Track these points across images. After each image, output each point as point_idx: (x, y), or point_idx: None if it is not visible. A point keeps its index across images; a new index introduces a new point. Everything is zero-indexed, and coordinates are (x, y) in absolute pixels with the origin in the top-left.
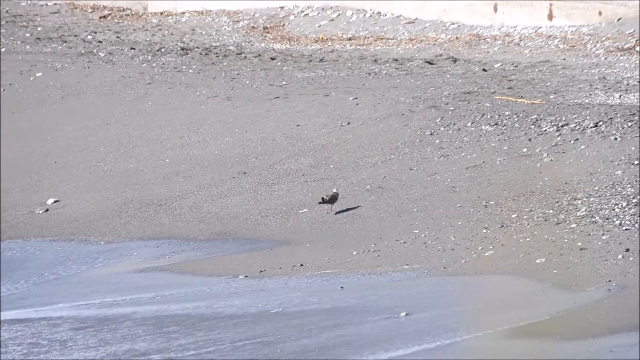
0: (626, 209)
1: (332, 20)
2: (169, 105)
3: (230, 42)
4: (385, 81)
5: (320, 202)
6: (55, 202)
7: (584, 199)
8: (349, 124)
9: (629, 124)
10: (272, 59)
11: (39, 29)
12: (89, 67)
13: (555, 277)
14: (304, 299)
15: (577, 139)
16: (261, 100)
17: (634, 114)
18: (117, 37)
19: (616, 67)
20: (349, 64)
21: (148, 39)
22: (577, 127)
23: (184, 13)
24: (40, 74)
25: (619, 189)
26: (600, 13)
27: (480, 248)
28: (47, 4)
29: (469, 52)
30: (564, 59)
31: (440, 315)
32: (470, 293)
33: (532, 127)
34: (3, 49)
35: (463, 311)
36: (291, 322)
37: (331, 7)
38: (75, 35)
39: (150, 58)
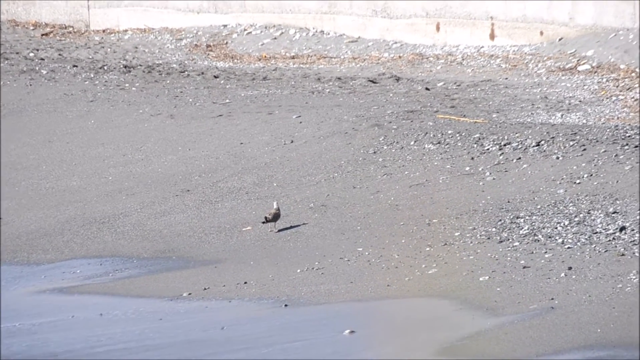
0: (568, 227)
1: (275, 38)
2: (112, 123)
3: (173, 60)
4: (328, 99)
5: (263, 222)
6: None
7: (527, 218)
8: (292, 142)
9: (571, 143)
10: (215, 77)
11: None
12: (31, 85)
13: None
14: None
15: (520, 158)
16: (204, 118)
17: (575, 133)
18: (60, 54)
19: (558, 86)
20: (292, 83)
21: (90, 57)
22: (520, 146)
23: (126, 31)
24: None
25: (560, 208)
26: (541, 33)
27: (423, 266)
28: None
29: (411, 71)
30: (506, 78)
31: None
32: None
33: (475, 145)
34: None
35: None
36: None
37: (274, 26)
38: (17, 53)
39: (92, 75)
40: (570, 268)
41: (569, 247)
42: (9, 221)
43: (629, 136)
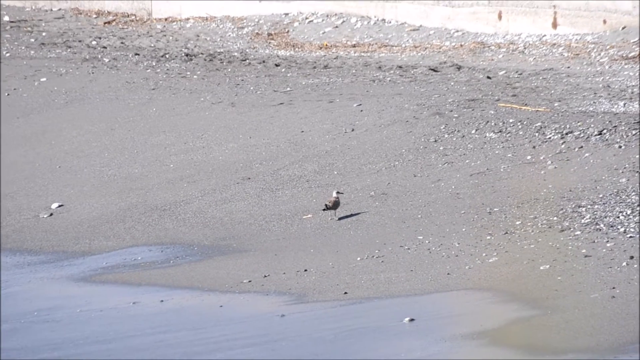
0: (630, 216)
1: (337, 27)
2: (173, 111)
3: (234, 48)
4: (389, 88)
5: (324, 209)
6: (59, 206)
7: (588, 207)
8: (353, 130)
9: (633, 132)
10: (277, 65)
11: (44, 34)
12: (93, 73)
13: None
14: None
15: (582, 147)
16: (265, 107)
17: (638, 122)
18: (122, 42)
19: (620, 75)
20: (353, 71)
21: (152, 45)
22: (582, 135)
23: (188, 19)
24: (44, 79)
25: (623, 197)
26: (604, 21)
27: (484, 254)
28: (51, 10)
29: (473, 59)
30: (568, 67)
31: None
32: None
33: (536, 134)
34: (7, 54)
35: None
36: None
37: (335, 14)
38: (80, 41)
39: (154, 64)
40: (632, 257)
41: (631, 236)
42: (71, 208)
43: None
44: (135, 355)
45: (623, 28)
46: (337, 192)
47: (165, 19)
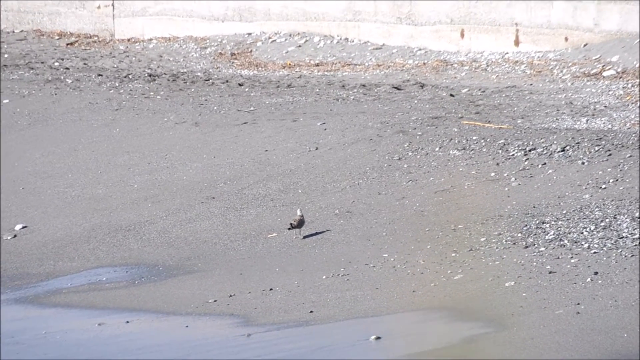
0: (594, 232)
1: (300, 46)
2: (137, 131)
3: (197, 68)
4: (353, 106)
5: (289, 228)
6: (23, 227)
7: (552, 223)
8: (317, 149)
9: (596, 148)
10: (240, 84)
11: (6, 55)
12: (56, 94)
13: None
14: None
15: (545, 163)
16: (229, 126)
17: (600, 139)
18: (85, 63)
19: (583, 92)
20: (317, 90)
21: (115, 66)
22: (545, 152)
23: (151, 39)
24: (7, 101)
25: (586, 213)
26: (566, 39)
27: (449, 272)
28: (13, 31)
29: (436, 77)
30: (531, 84)
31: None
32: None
33: (500, 151)
34: None
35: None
36: None
37: (298, 33)
38: (42, 62)
39: (117, 84)
40: (596, 273)
41: (595, 252)
42: (35, 229)
43: None
44: None
45: (585, 45)
46: (300, 211)
47: (128, 40)
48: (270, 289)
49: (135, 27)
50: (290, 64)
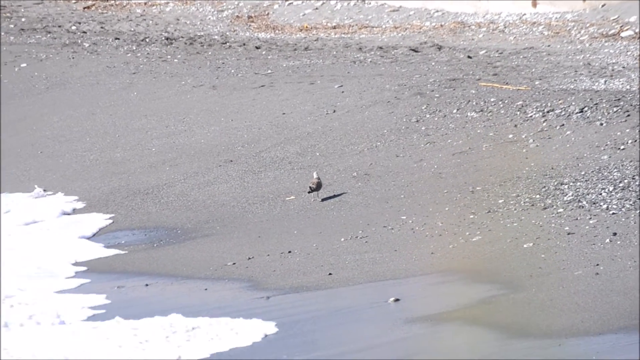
0: (613, 193)
1: (317, 9)
2: (154, 95)
3: (214, 32)
4: (370, 69)
5: (309, 192)
6: (43, 191)
7: (571, 184)
8: (334, 111)
9: (614, 109)
10: (257, 47)
11: (23, 20)
12: (73, 58)
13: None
14: None
15: (563, 125)
16: (246, 89)
17: (619, 99)
18: (102, 27)
19: (601, 53)
20: (334, 53)
21: (132, 29)
22: (563, 113)
23: (167, 3)
24: (24, 65)
25: (605, 174)
26: None
27: (467, 233)
28: None
29: (453, 39)
30: (549, 46)
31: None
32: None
33: (518, 113)
34: None
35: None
36: None
37: None
38: (60, 26)
39: (134, 48)
40: (615, 234)
41: (613, 213)
42: (54, 193)
43: None
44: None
45: (603, 5)
46: (317, 174)
47: (145, 3)
48: (289, 252)
49: None
50: (307, 27)
